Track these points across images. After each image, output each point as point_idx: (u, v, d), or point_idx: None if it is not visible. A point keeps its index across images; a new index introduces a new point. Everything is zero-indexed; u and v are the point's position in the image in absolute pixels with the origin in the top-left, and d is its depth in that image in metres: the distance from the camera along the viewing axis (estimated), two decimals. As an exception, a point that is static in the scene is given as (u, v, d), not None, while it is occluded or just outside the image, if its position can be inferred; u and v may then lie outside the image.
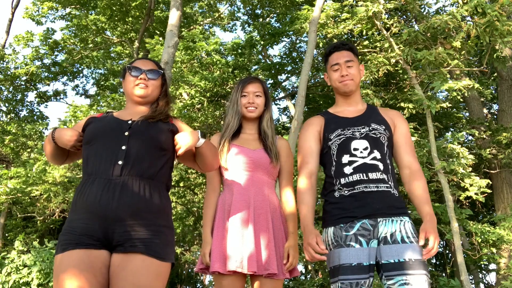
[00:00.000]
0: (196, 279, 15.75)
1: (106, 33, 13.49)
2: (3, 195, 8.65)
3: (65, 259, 1.79)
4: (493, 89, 10.87)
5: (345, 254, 2.05)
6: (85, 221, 1.83)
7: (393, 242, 2.03)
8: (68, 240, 1.82)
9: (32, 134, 11.48)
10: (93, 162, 1.94)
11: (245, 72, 10.67)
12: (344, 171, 2.15)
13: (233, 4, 12.72)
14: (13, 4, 13.16)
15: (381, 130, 2.22)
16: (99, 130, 2.02)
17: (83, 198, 1.87)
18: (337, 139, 2.22)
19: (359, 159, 2.15)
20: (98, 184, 1.87)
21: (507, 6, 6.40)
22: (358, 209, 2.09)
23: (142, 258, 1.79)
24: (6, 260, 7.36)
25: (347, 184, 2.14)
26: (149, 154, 1.95)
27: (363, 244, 2.04)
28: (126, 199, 1.84)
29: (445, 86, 6.52)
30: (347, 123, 2.26)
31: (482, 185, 6.90)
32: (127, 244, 1.80)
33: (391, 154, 2.24)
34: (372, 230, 2.06)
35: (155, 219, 1.88)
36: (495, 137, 8.83)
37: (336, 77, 2.33)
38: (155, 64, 2.23)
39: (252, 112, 2.42)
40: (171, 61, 6.06)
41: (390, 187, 2.13)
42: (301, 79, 6.41)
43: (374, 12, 7.20)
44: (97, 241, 1.81)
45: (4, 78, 12.41)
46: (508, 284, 6.73)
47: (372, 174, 2.12)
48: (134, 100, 2.16)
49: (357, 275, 2.01)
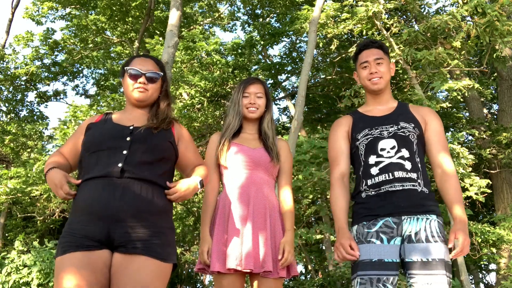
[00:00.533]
0: (196, 279, 15.76)
1: (106, 33, 13.49)
2: (3, 195, 8.65)
3: (65, 261, 1.77)
4: (493, 89, 10.87)
5: (365, 250, 2.04)
6: (85, 223, 1.81)
7: (417, 241, 2.00)
8: (69, 242, 1.80)
9: (32, 134, 11.49)
10: (93, 166, 1.90)
11: (245, 72, 10.67)
12: (371, 172, 2.14)
13: (233, 4, 12.72)
14: (13, 4, 13.16)
15: (410, 128, 2.18)
16: (99, 138, 1.98)
17: (82, 199, 1.85)
18: (365, 139, 2.20)
19: (385, 159, 2.13)
20: (98, 185, 1.85)
21: (507, 6, 6.41)
22: (382, 208, 2.08)
23: (144, 258, 1.78)
24: (6, 260, 7.36)
25: (373, 185, 2.13)
26: (150, 162, 1.93)
27: (384, 241, 2.03)
28: (127, 199, 1.82)
29: (445, 86, 6.52)
30: (375, 122, 2.23)
31: (482, 185, 6.90)
32: (129, 245, 1.79)
33: (422, 152, 2.20)
34: (396, 228, 2.04)
35: (156, 220, 1.86)
36: (495, 137, 8.83)
37: (365, 75, 2.30)
38: (155, 63, 2.13)
39: (253, 112, 2.43)
40: (171, 61, 6.06)
41: (418, 185, 2.10)
42: (301, 79, 6.41)
43: (374, 12, 7.20)
44: (98, 242, 1.80)
45: (4, 78, 12.41)
46: (508, 284, 6.73)
47: (398, 173, 2.10)
48: (133, 103, 2.11)
49: (378, 270, 1.99)
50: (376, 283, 1.98)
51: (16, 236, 9.26)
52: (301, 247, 8.34)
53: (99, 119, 2.11)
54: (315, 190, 7.88)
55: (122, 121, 2.05)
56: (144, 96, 2.07)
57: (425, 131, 2.23)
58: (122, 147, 1.91)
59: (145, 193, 1.86)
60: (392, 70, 2.36)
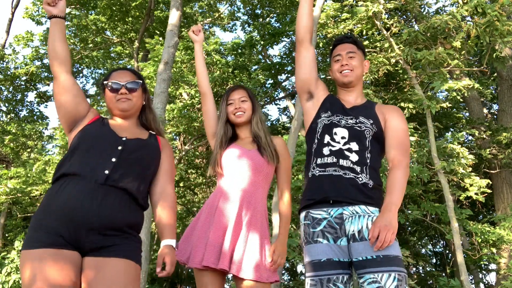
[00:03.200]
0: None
1: (106, 33, 13.49)
2: (3, 195, 8.65)
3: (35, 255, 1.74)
4: (493, 89, 10.87)
5: (314, 250, 2.04)
6: (61, 223, 1.79)
7: (360, 239, 1.99)
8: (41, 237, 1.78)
9: (32, 134, 11.50)
10: (79, 163, 1.90)
11: (245, 72, 10.67)
12: (322, 151, 2.16)
13: (233, 4, 12.72)
14: (13, 4, 13.16)
15: (368, 124, 2.19)
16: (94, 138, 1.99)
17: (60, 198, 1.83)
18: (326, 120, 2.23)
19: (336, 144, 2.15)
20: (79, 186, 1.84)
21: (507, 6, 6.41)
22: (323, 192, 2.08)
23: (121, 260, 1.82)
24: (6, 260, 7.36)
25: (321, 165, 2.14)
26: (135, 172, 1.96)
27: (330, 240, 2.02)
28: (105, 208, 1.83)
29: (445, 86, 6.53)
30: (340, 111, 2.25)
31: (482, 185, 6.90)
32: (102, 249, 1.81)
33: (377, 149, 2.19)
34: (339, 228, 2.03)
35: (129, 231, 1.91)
36: (495, 137, 8.83)
37: (336, 68, 2.32)
38: (133, 74, 2.17)
39: (240, 117, 2.45)
40: (171, 61, 6.06)
41: (361, 178, 2.09)
42: (301, 79, 6.40)
43: (374, 12, 7.20)
44: (69, 243, 1.79)
45: (4, 78, 12.41)
46: (508, 284, 6.73)
47: (343, 161, 2.11)
48: (118, 114, 2.13)
49: (327, 270, 1.98)
50: (326, 284, 1.97)
51: (16, 236, 9.26)
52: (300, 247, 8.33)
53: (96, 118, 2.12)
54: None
55: (117, 130, 2.07)
56: (128, 105, 2.10)
57: (384, 128, 2.22)
58: (112, 155, 1.94)
59: (124, 205, 1.89)
60: (366, 68, 2.37)
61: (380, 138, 2.20)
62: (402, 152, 2.15)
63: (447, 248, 12.75)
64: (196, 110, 10.12)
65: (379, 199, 2.11)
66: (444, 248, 13.05)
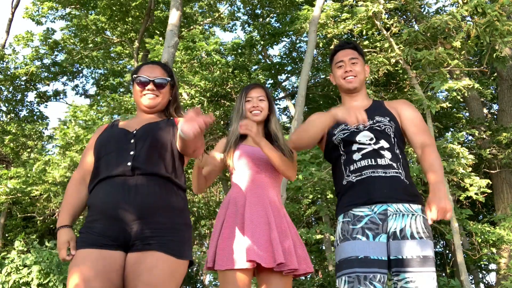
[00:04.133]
0: (196, 279, 15.76)
1: (106, 33, 13.49)
2: (3, 195, 8.65)
3: (79, 256, 1.79)
4: (493, 89, 10.87)
5: (351, 247, 2.00)
6: (101, 222, 1.82)
7: (402, 238, 1.98)
8: (85, 238, 1.82)
9: (32, 134, 11.51)
10: (103, 168, 1.92)
11: (245, 72, 10.67)
12: (353, 157, 2.13)
13: (233, 4, 12.72)
14: (13, 4, 13.16)
15: (386, 122, 2.19)
16: (106, 143, 2.00)
17: (97, 200, 1.87)
18: (341, 133, 2.20)
19: (367, 146, 2.12)
20: (110, 185, 1.86)
21: (507, 6, 6.41)
22: (365, 195, 2.06)
23: (157, 255, 1.77)
24: (6, 260, 7.36)
25: (355, 170, 2.10)
26: (157, 154, 1.93)
27: (370, 238, 1.99)
28: (139, 199, 1.82)
29: (445, 86, 6.53)
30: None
31: (482, 185, 6.90)
32: (142, 242, 1.79)
33: (401, 145, 2.19)
34: (381, 224, 2.01)
35: (170, 217, 1.85)
36: (495, 137, 8.83)
37: (339, 74, 2.32)
38: (163, 69, 2.15)
39: (257, 115, 2.46)
40: (171, 61, 6.06)
41: (401, 174, 2.08)
42: (301, 79, 6.41)
43: (374, 12, 7.20)
44: (114, 241, 1.80)
45: (4, 78, 12.41)
46: (508, 284, 6.73)
47: (380, 160, 2.09)
48: (143, 109, 2.13)
49: (364, 268, 1.95)
50: (363, 281, 1.94)
51: (16, 236, 9.25)
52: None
53: (106, 127, 2.14)
54: (315, 190, 7.89)
55: (128, 127, 2.07)
56: (154, 102, 2.09)
57: (401, 122, 2.22)
58: (128, 149, 1.93)
59: (158, 190, 1.86)
60: (367, 72, 2.37)
61: (399, 134, 2.21)
62: (428, 135, 2.18)
63: (447, 248, 12.75)
64: (196, 110, 10.12)
65: (419, 196, 2.12)
66: (444, 248, 13.05)
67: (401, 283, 1.95)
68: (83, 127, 8.63)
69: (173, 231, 1.84)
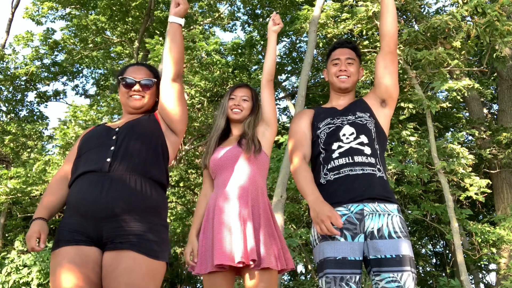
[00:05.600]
0: (196, 279, 15.76)
1: (106, 33, 13.49)
2: (3, 195, 8.65)
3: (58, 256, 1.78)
4: (493, 89, 10.87)
5: (330, 248, 2.02)
6: (76, 218, 1.81)
7: (380, 238, 1.99)
8: (61, 237, 1.81)
9: (32, 134, 11.49)
10: (82, 165, 1.91)
11: (245, 72, 10.67)
12: (332, 156, 2.16)
13: (233, 4, 12.72)
14: (13, 4, 13.16)
15: (366, 117, 2.23)
16: (87, 140, 2.01)
17: (72, 197, 1.86)
18: (326, 128, 2.23)
19: (345, 145, 2.15)
20: (87, 181, 1.84)
21: (507, 6, 6.41)
22: (342, 194, 2.07)
23: (134, 255, 1.73)
24: (6, 260, 7.36)
25: (333, 169, 2.13)
26: (137, 150, 1.92)
27: (348, 238, 2.01)
28: (115, 194, 1.79)
29: (445, 86, 6.53)
30: (336, 114, 2.28)
31: (482, 185, 6.89)
32: (117, 240, 1.75)
33: (381, 140, 2.22)
34: (358, 224, 2.03)
35: (147, 216, 1.81)
36: (495, 137, 8.83)
37: (334, 71, 2.34)
38: (149, 70, 2.16)
39: (236, 114, 2.46)
40: (171, 61, 6.05)
41: (378, 171, 2.11)
42: (301, 79, 6.41)
43: (374, 12, 7.20)
44: (88, 237, 1.78)
45: (4, 78, 12.40)
46: (508, 284, 6.73)
47: (357, 157, 2.11)
48: (129, 111, 2.12)
49: (341, 269, 1.98)
50: (339, 282, 1.96)
51: (16, 236, 9.26)
52: (301, 247, 8.33)
53: (91, 128, 2.15)
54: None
55: (113, 125, 2.09)
56: (140, 103, 2.10)
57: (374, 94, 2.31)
58: (109, 145, 1.93)
59: (135, 186, 1.83)
60: (360, 75, 2.40)
61: (379, 129, 2.24)
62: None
63: (447, 248, 12.75)
64: (196, 110, 10.13)
65: (393, 195, 2.14)
66: (444, 248, 13.05)
67: (382, 283, 1.95)
68: (83, 127, 8.63)
69: (148, 230, 1.79)
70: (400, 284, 1.91)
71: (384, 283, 1.94)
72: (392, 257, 1.95)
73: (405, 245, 1.99)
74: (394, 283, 1.91)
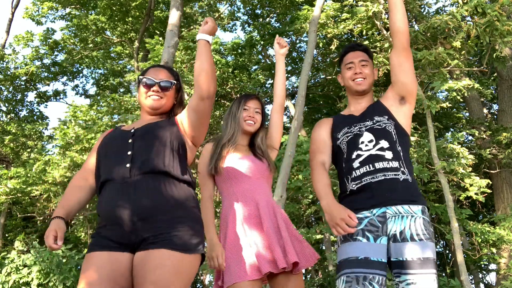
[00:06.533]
0: (196, 279, 15.75)
1: (106, 33, 13.49)
2: (3, 195, 8.65)
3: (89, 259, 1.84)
4: (493, 89, 10.87)
5: (351, 248, 2.02)
6: (107, 227, 1.87)
7: (402, 240, 1.99)
8: (95, 242, 1.88)
9: (32, 134, 11.50)
10: (103, 172, 1.95)
11: (245, 72, 10.67)
12: (353, 166, 2.15)
13: (233, 4, 12.73)
14: (13, 4, 13.16)
15: (385, 120, 2.21)
16: (105, 145, 2.04)
17: (101, 205, 1.91)
18: (345, 137, 2.23)
19: (364, 153, 2.15)
20: (111, 189, 1.89)
21: (507, 6, 6.41)
22: (365, 200, 2.08)
23: (161, 252, 1.77)
24: (6, 260, 7.35)
25: (355, 178, 2.13)
26: (154, 151, 1.94)
27: (371, 240, 2.01)
28: (138, 200, 1.84)
29: (445, 86, 6.53)
30: (353, 121, 2.27)
31: (482, 185, 6.90)
32: (147, 242, 1.80)
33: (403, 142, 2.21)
34: (381, 227, 2.03)
35: (170, 212, 1.85)
36: (495, 137, 8.83)
37: (349, 75, 2.33)
38: (169, 72, 2.18)
39: (250, 126, 2.49)
40: (171, 61, 6.06)
41: (402, 174, 2.10)
42: (301, 79, 6.41)
43: (374, 12, 7.20)
44: (119, 244, 1.83)
45: (4, 78, 12.41)
46: (508, 284, 6.73)
47: (378, 164, 2.10)
48: (147, 111, 2.14)
49: (364, 268, 1.97)
50: (362, 281, 1.95)
51: (16, 236, 9.26)
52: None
53: (110, 131, 2.17)
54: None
55: (127, 127, 2.10)
56: (158, 104, 2.11)
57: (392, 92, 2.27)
58: (126, 149, 1.96)
59: (157, 186, 1.87)
60: (375, 75, 2.39)
61: (400, 129, 2.22)
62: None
63: (447, 248, 12.75)
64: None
65: (420, 196, 2.13)
66: (444, 248, 13.05)
67: (402, 284, 1.96)
68: (83, 127, 8.63)
69: (175, 225, 1.83)
70: (419, 287, 1.92)
71: (404, 285, 1.95)
72: (413, 259, 1.96)
73: (427, 248, 1.99)
74: (414, 286, 1.93)
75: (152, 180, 1.88)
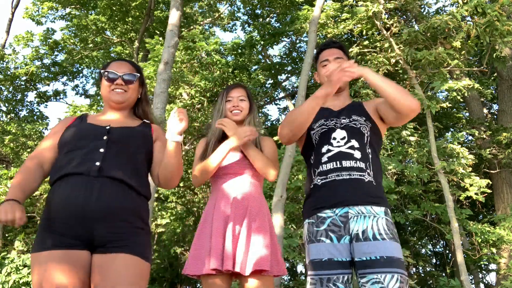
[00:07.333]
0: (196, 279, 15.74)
1: (106, 33, 13.49)
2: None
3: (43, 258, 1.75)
4: (493, 89, 10.87)
5: (316, 250, 2.04)
6: (64, 220, 1.78)
7: (364, 240, 1.98)
8: (47, 239, 1.78)
9: (32, 134, 11.49)
10: (67, 164, 1.88)
11: (245, 72, 10.67)
12: (321, 160, 2.15)
13: (233, 4, 12.73)
14: (13, 4, 13.16)
15: (362, 121, 2.21)
16: (73, 138, 1.97)
17: (60, 197, 1.82)
18: (319, 129, 2.23)
19: (335, 148, 2.14)
20: (75, 184, 1.82)
21: (507, 6, 6.41)
22: (328, 198, 2.07)
23: (126, 257, 1.77)
24: (6, 260, 7.36)
25: (321, 173, 2.13)
26: (125, 161, 1.92)
27: (334, 240, 2.02)
28: (104, 200, 1.80)
29: (445, 86, 6.53)
30: (331, 115, 2.26)
31: (482, 185, 6.90)
32: (108, 245, 1.78)
33: (375, 144, 2.20)
34: (343, 227, 2.03)
35: (132, 222, 1.85)
36: (495, 137, 8.83)
37: (324, 72, 2.32)
38: (132, 66, 2.16)
39: (236, 115, 2.46)
40: (171, 61, 6.06)
41: (367, 175, 2.09)
42: (301, 79, 6.41)
43: (374, 12, 7.20)
44: (78, 240, 1.77)
45: (4, 78, 12.41)
46: (508, 284, 6.73)
47: (346, 162, 2.10)
48: (111, 105, 2.11)
49: (328, 270, 1.98)
50: (326, 283, 1.97)
51: (16, 236, 9.26)
52: (301, 247, 8.34)
53: (73, 121, 2.11)
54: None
55: (98, 122, 2.05)
56: (122, 98, 2.09)
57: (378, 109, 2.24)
58: (98, 146, 1.91)
59: (122, 195, 1.85)
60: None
61: (376, 132, 2.22)
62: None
63: (447, 248, 12.75)
64: (196, 110, 10.13)
65: (383, 198, 2.12)
66: (444, 248, 13.05)
67: (368, 284, 1.94)
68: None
69: (136, 233, 1.85)
70: (384, 285, 1.89)
71: (369, 285, 1.93)
72: (377, 258, 1.94)
73: (390, 247, 1.97)
74: (378, 285, 1.90)
75: (118, 185, 1.86)
